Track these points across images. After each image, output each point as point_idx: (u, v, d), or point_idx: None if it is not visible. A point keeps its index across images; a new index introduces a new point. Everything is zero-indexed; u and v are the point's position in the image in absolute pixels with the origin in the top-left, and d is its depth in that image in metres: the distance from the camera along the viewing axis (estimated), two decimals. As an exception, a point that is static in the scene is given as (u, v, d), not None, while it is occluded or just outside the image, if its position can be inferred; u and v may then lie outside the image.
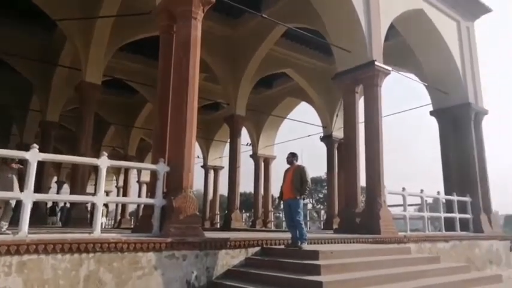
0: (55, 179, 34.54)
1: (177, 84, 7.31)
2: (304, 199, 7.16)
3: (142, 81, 16.59)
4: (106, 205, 22.63)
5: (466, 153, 13.09)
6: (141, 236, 6.24)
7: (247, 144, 20.78)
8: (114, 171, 33.18)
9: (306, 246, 6.92)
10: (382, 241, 8.96)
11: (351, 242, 8.42)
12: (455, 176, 13.18)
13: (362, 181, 10.77)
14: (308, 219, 25.39)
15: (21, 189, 5.70)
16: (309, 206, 51.66)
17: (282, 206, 7.61)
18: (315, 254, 6.39)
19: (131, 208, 29.12)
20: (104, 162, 6.26)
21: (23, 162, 5.74)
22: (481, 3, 14.42)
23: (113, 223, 29.45)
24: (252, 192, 32.98)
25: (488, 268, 11.69)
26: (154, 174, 7.40)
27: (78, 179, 11.31)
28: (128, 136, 22.68)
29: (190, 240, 6.43)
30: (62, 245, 5.31)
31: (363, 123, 10.97)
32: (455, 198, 12.13)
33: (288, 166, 7.44)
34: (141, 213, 27.80)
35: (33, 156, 5.60)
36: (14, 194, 5.65)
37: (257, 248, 7.25)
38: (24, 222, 5.38)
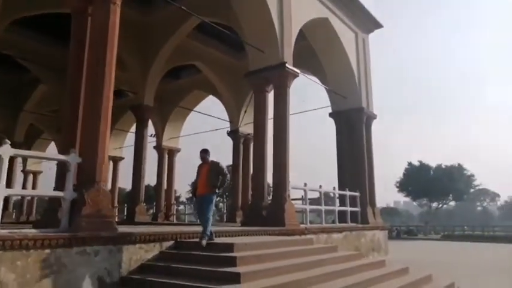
0: None
1: (92, 71, 6.90)
2: (218, 194, 7.34)
3: (36, 60, 15.06)
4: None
5: (358, 152, 14.63)
6: (49, 232, 5.80)
7: (151, 135, 20.18)
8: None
9: (204, 243, 6.77)
10: (287, 233, 9.62)
11: (260, 234, 8.88)
12: (348, 172, 14.63)
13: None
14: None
15: None
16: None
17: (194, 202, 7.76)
18: (230, 247, 6.65)
19: (13, 199, 26.18)
20: (6, 151, 5.65)
21: None
22: (374, 19, 16.16)
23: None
24: (149, 184, 32.14)
25: (371, 255, 13.29)
26: (61, 165, 6.91)
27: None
28: (15, 120, 20.32)
29: (103, 235, 6.18)
30: (-45, 244, 4.71)
31: (271, 120, 11.55)
32: (347, 193, 13.50)
33: (201, 162, 7.49)
34: (26, 206, 25.13)
35: None
36: None
37: (171, 242, 7.25)
38: None
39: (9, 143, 5.76)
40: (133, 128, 22.05)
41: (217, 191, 7.14)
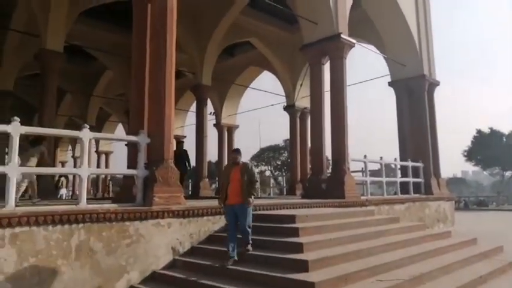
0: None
1: (155, 55, 7.31)
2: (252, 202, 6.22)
3: (102, 48, 16.02)
4: (66, 176, 22.07)
5: (420, 122, 14.08)
6: (127, 206, 6.42)
7: (210, 114, 20.85)
8: (70, 140, 32.10)
9: (251, 248, 6.10)
10: (347, 205, 9.68)
11: (320, 207, 9.04)
12: (410, 143, 14.18)
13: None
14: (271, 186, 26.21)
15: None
16: (267, 173, 53.02)
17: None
18: (292, 218, 6.90)
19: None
20: (86, 134, 6.28)
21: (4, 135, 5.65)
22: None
23: (71, 193, 28.77)
24: (211, 160, 33.27)
25: (436, 226, 12.97)
26: (131, 146, 7.50)
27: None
28: (87, 105, 21.93)
29: (174, 209, 6.71)
30: (52, 217, 5.41)
31: (328, 92, 11.46)
32: (409, 164, 13.15)
33: (229, 163, 6.73)
34: (101, 184, 27.23)
35: (15, 129, 5.53)
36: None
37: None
38: (11, 195, 5.38)
39: (88, 127, 6.39)
40: (192, 107, 22.95)
41: (250, 200, 6.11)
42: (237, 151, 6.61)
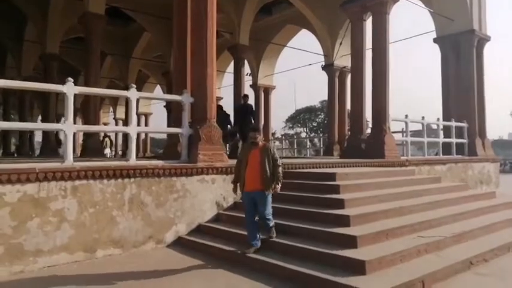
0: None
1: (196, 17, 7.34)
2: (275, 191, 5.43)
3: (140, 10, 16.12)
4: (109, 137, 23.08)
5: (466, 80, 13.42)
6: (174, 163, 6.73)
7: (247, 74, 20.77)
8: (111, 103, 33.20)
9: (274, 234, 5.50)
10: (387, 164, 9.63)
11: (359, 166, 9.05)
12: (454, 103, 13.63)
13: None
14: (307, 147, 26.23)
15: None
16: (303, 134, 52.86)
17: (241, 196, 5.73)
18: (332, 176, 7.00)
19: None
20: (133, 94, 6.53)
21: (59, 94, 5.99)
22: None
23: (114, 153, 30.14)
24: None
25: (479, 187, 12.66)
26: (175, 105, 7.74)
27: (91, 111, 11.54)
28: (127, 67, 22.40)
29: (218, 166, 6.98)
30: (107, 171, 5.80)
31: (369, 50, 11.12)
32: (453, 124, 12.72)
33: (248, 143, 5.76)
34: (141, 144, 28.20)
35: (70, 89, 5.84)
36: (55, 125, 5.94)
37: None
38: (69, 151, 5.77)
39: (135, 86, 6.63)
40: (229, 68, 22.93)
41: (272, 188, 5.36)
42: (256, 129, 5.71)
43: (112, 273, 5.09)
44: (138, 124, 30.60)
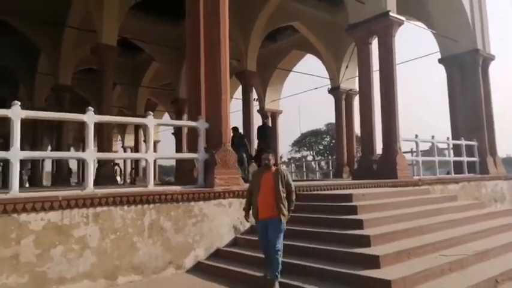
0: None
1: (209, 45, 7.58)
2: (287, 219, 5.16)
3: (148, 40, 16.57)
4: (118, 165, 23.26)
5: (474, 99, 13.55)
6: (191, 188, 6.81)
7: (254, 100, 21.05)
8: (120, 131, 33.58)
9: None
10: (400, 185, 9.63)
11: (373, 187, 9.06)
12: (462, 122, 13.71)
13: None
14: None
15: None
16: (309, 157, 52.86)
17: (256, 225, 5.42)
18: (349, 197, 7.02)
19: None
20: (150, 121, 6.68)
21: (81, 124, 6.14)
22: None
23: (123, 181, 30.27)
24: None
25: (493, 205, 12.54)
26: (191, 131, 7.88)
27: (104, 139, 11.73)
28: (135, 96, 22.82)
29: (234, 189, 7.03)
30: (127, 198, 5.87)
31: (376, 72, 11.31)
32: (463, 142, 12.75)
33: (262, 168, 5.42)
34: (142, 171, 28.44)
35: (91, 117, 6.00)
36: (77, 154, 6.08)
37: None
38: (90, 179, 5.87)
39: (152, 114, 6.79)
40: (235, 94, 23.29)
41: (285, 215, 5.07)
42: (270, 152, 5.38)
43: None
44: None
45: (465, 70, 13.84)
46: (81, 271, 5.37)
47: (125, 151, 33.07)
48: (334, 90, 18.23)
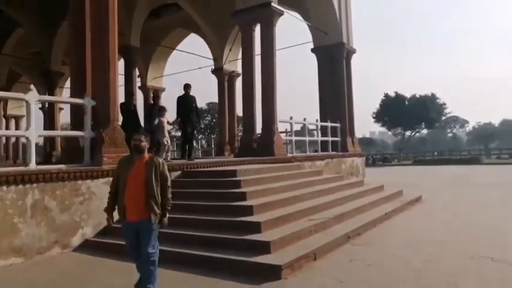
0: None
1: (96, 18, 7.33)
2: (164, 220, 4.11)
3: (13, 3, 14.79)
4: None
5: (338, 86, 15.50)
6: (79, 166, 6.67)
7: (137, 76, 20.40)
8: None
9: None
10: (276, 161, 10.72)
11: (254, 163, 9.95)
12: (329, 105, 15.60)
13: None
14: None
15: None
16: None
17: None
18: (233, 172, 7.70)
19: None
20: (32, 97, 6.29)
21: None
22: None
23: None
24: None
25: (350, 178, 14.73)
26: (73, 108, 7.60)
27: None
28: (-5, 65, 20.06)
29: (123, 168, 7.08)
30: (6, 177, 5.55)
31: (259, 56, 12.16)
32: (329, 124, 14.60)
33: (132, 154, 4.21)
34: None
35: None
36: None
37: (179, 172, 8.26)
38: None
39: (33, 88, 6.40)
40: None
41: (159, 215, 4.02)
42: (140, 139, 4.06)
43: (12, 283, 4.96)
44: (7, 128, 27.62)
45: (332, 60, 15.66)
46: (-47, 257, 4.98)
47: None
48: (218, 71, 18.76)
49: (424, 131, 71.27)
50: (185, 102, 10.18)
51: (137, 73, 20.42)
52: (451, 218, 8.22)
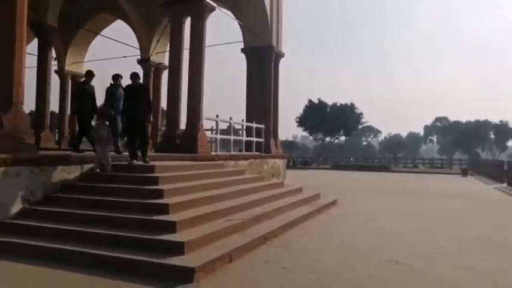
0: None
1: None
2: None
3: None
4: None
5: (266, 88, 15.66)
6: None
7: (54, 59, 18.73)
8: None
9: None
10: (199, 159, 10.48)
11: (175, 160, 9.58)
12: (256, 107, 15.70)
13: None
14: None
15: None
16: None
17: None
18: (151, 168, 7.32)
19: None
20: None
21: None
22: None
23: None
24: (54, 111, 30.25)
25: (272, 179, 14.97)
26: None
27: None
28: None
29: (24, 157, 6.36)
30: None
31: (186, 50, 11.82)
32: (254, 125, 14.68)
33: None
34: None
35: None
36: None
37: (92, 165, 7.65)
38: None
39: None
40: (29, 49, 20.16)
41: None
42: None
43: None
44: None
45: (261, 62, 15.79)
46: None
47: None
48: (144, 62, 17.98)
49: (343, 138, 75.39)
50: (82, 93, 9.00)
51: (54, 55, 18.86)
52: (362, 222, 8.66)
